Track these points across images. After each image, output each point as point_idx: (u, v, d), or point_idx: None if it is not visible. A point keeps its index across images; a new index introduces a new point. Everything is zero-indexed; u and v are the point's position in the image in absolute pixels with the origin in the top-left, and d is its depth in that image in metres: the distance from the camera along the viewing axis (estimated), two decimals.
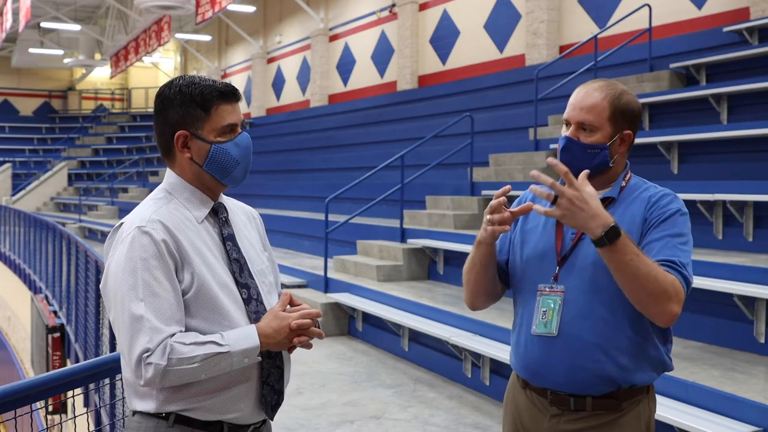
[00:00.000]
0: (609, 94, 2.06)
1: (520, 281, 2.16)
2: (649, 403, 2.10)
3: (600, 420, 2.03)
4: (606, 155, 2.05)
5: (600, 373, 1.99)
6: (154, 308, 1.78)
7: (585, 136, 2.05)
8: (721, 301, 4.90)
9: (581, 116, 2.06)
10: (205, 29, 25.61)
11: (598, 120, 2.04)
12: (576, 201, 1.85)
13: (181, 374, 1.78)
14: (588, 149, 2.04)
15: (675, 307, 1.90)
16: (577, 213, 1.85)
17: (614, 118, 2.05)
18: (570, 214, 1.86)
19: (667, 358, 2.08)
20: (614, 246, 1.85)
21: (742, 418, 3.79)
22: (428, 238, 8.34)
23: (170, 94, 1.92)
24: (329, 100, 19.71)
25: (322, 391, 5.76)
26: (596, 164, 2.05)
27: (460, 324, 6.11)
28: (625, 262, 1.86)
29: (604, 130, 2.05)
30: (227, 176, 1.95)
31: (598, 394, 2.02)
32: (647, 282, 1.87)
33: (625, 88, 2.11)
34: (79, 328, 8.53)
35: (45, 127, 32.23)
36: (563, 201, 1.86)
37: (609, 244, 1.85)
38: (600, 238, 1.85)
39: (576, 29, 12.32)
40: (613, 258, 1.87)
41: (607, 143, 2.05)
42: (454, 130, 10.39)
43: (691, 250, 2.02)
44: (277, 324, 1.88)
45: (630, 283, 1.89)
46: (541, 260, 2.10)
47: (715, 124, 7.60)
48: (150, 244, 1.82)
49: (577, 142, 2.05)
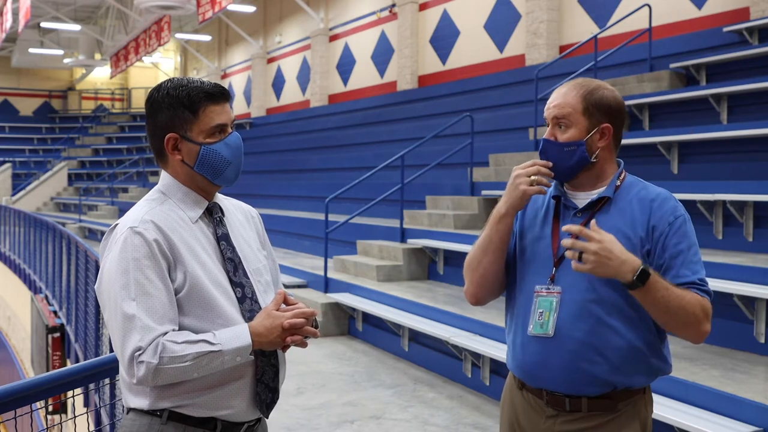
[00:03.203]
0: (581, 90, 2.07)
1: (515, 281, 2.16)
2: (646, 404, 2.09)
3: (596, 421, 2.02)
4: (583, 151, 2.05)
5: (595, 373, 1.99)
6: (146, 307, 1.80)
7: (561, 133, 2.07)
8: (721, 301, 4.90)
9: (554, 112, 2.08)
10: (205, 29, 25.59)
11: (572, 115, 2.05)
12: (601, 252, 1.88)
13: (172, 372, 1.79)
14: (564, 147, 2.05)
15: (705, 327, 1.97)
16: (605, 263, 1.89)
17: (588, 112, 2.05)
18: (599, 266, 1.89)
19: (666, 360, 2.08)
20: (646, 287, 1.90)
21: (742, 418, 3.79)
22: (428, 238, 8.34)
23: (158, 98, 1.94)
24: (329, 100, 19.70)
25: (322, 391, 5.76)
26: (576, 161, 2.05)
27: (460, 324, 6.11)
28: (657, 299, 1.91)
29: (579, 125, 2.05)
30: (219, 176, 1.96)
31: (594, 394, 2.02)
32: (678, 313, 1.93)
33: (601, 84, 2.12)
34: (79, 328, 8.53)
35: (45, 127, 32.24)
36: (589, 256, 1.89)
37: (642, 286, 1.89)
38: (632, 282, 1.89)
39: (576, 29, 12.32)
40: (647, 297, 1.92)
41: (583, 138, 2.05)
42: (454, 130, 10.39)
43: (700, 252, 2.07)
44: (269, 323, 1.88)
45: (663, 316, 1.95)
46: (537, 260, 2.10)
47: (715, 124, 7.60)
48: (142, 244, 1.84)
49: (554, 142, 2.07)
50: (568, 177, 2.10)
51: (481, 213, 8.55)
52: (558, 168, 2.06)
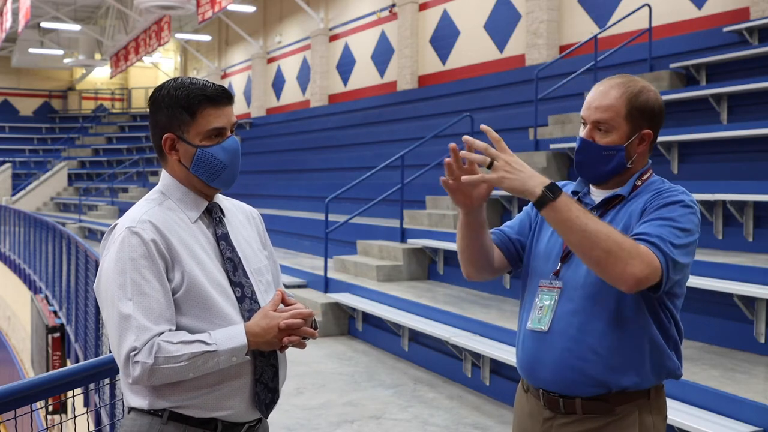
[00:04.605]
0: (626, 92, 1.97)
1: (527, 276, 2.13)
2: (652, 410, 2.00)
3: (592, 424, 1.96)
4: (622, 156, 1.97)
5: (587, 372, 1.93)
6: (143, 307, 1.80)
7: (601, 136, 1.98)
8: (721, 301, 4.90)
9: (596, 115, 1.98)
10: (205, 29, 25.59)
11: (614, 120, 1.95)
12: (513, 164, 1.82)
13: (168, 373, 1.79)
14: (603, 151, 1.97)
15: (637, 268, 1.76)
16: (515, 174, 1.81)
17: (631, 117, 1.96)
18: (508, 177, 1.81)
19: (673, 364, 2.00)
20: (557, 203, 1.79)
21: (742, 418, 3.79)
22: (428, 238, 8.34)
23: (159, 97, 1.94)
24: (329, 100, 19.70)
25: (322, 391, 5.76)
26: (613, 166, 1.98)
27: (460, 324, 6.11)
28: (571, 219, 1.78)
29: (621, 130, 1.96)
30: (215, 179, 1.95)
31: (588, 395, 1.95)
32: (598, 238, 1.77)
33: (645, 85, 2.01)
34: (79, 328, 8.53)
35: (45, 127, 32.23)
36: (500, 163, 1.81)
37: (553, 198, 1.78)
38: (542, 195, 1.79)
39: (576, 29, 12.32)
40: (559, 218, 1.79)
41: (623, 144, 1.97)
42: (454, 130, 10.39)
43: (689, 242, 1.88)
44: (266, 323, 1.88)
45: (581, 242, 1.79)
46: (547, 256, 2.07)
47: (715, 124, 7.60)
48: (139, 244, 1.84)
49: (592, 144, 1.99)
50: (602, 180, 2.03)
51: None
52: (592, 170, 1.99)
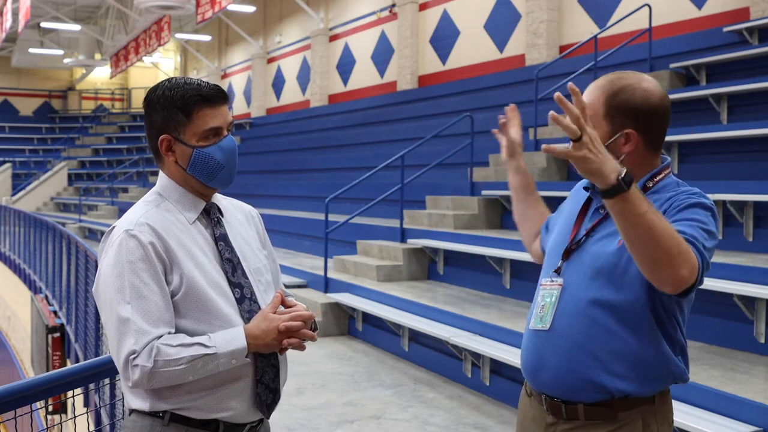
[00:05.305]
0: (605, 92, 1.92)
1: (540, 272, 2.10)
2: (657, 416, 1.93)
3: (595, 430, 1.90)
4: None
5: (589, 377, 1.88)
6: (141, 310, 1.79)
7: None
8: (721, 301, 4.89)
9: None
10: (205, 29, 25.58)
11: (594, 119, 1.85)
12: (596, 142, 1.65)
13: (167, 376, 1.79)
14: None
15: (686, 271, 1.68)
16: (597, 155, 1.64)
17: (610, 116, 1.91)
18: (590, 157, 1.64)
19: (679, 368, 1.93)
20: (630, 194, 1.64)
21: (742, 418, 3.79)
22: (428, 238, 8.34)
23: (154, 98, 1.93)
24: (329, 100, 19.70)
25: (322, 391, 5.76)
26: None
27: (460, 324, 6.11)
28: (640, 214, 1.64)
29: (601, 130, 1.89)
30: (213, 180, 1.95)
31: (590, 401, 1.90)
32: (663, 237, 1.65)
33: (632, 83, 1.93)
34: (79, 328, 8.53)
35: (45, 127, 32.24)
36: (586, 139, 1.63)
37: (627, 189, 1.63)
38: (616, 184, 1.63)
39: (576, 29, 12.32)
40: (628, 210, 1.65)
41: (604, 143, 1.87)
42: (454, 130, 10.39)
43: (714, 245, 1.82)
44: (265, 326, 1.87)
45: (643, 240, 1.67)
46: (555, 252, 2.04)
47: (715, 124, 7.60)
48: (137, 247, 1.83)
49: None
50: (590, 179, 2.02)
51: (481, 213, 8.55)
52: None
